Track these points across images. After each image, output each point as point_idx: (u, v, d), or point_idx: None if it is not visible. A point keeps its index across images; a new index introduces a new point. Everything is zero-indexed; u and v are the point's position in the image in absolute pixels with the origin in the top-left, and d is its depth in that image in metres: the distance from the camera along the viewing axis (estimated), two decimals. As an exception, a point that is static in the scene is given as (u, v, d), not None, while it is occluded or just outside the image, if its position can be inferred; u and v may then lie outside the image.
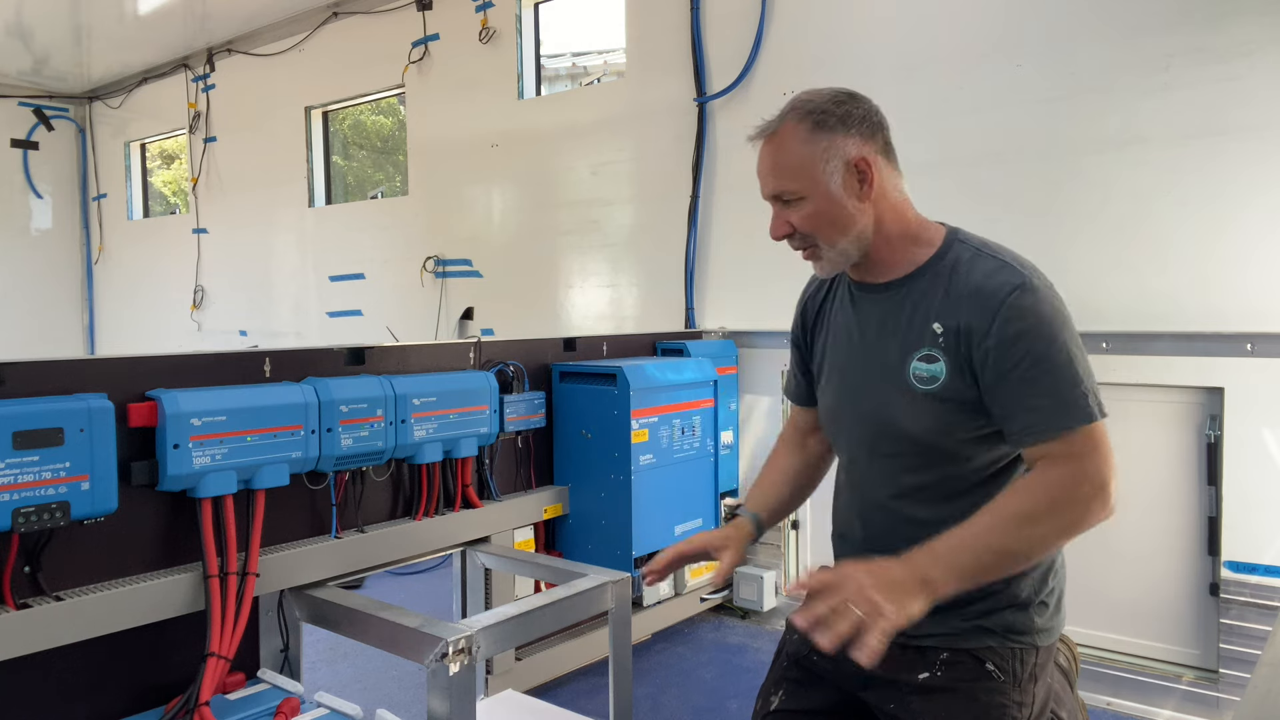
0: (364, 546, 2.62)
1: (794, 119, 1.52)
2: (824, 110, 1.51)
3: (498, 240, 5.49)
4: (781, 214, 1.55)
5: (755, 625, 3.99)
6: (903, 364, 1.52)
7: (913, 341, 1.52)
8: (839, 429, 1.67)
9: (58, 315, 8.85)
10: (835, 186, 1.50)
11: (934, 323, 1.50)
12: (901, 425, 1.53)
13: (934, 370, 1.49)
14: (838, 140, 1.49)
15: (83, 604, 2.00)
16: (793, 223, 1.54)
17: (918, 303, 1.53)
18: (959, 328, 1.47)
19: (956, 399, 1.48)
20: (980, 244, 1.54)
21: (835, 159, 1.49)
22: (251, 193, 7.08)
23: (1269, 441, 2.89)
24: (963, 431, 1.49)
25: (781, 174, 1.52)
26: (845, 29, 3.89)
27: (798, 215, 1.53)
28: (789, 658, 1.72)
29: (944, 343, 1.49)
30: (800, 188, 1.51)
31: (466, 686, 2.08)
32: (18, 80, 8.16)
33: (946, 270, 1.52)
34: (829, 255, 1.55)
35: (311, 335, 6.64)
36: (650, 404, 3.31)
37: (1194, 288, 3.07)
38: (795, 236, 1.55)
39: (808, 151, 1.49)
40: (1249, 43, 2.96)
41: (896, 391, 1.53)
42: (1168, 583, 3.11)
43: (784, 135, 1.52)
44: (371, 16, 5.99)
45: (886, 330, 1.56)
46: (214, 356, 2.39)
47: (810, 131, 1.50)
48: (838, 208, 1.51)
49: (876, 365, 1.57)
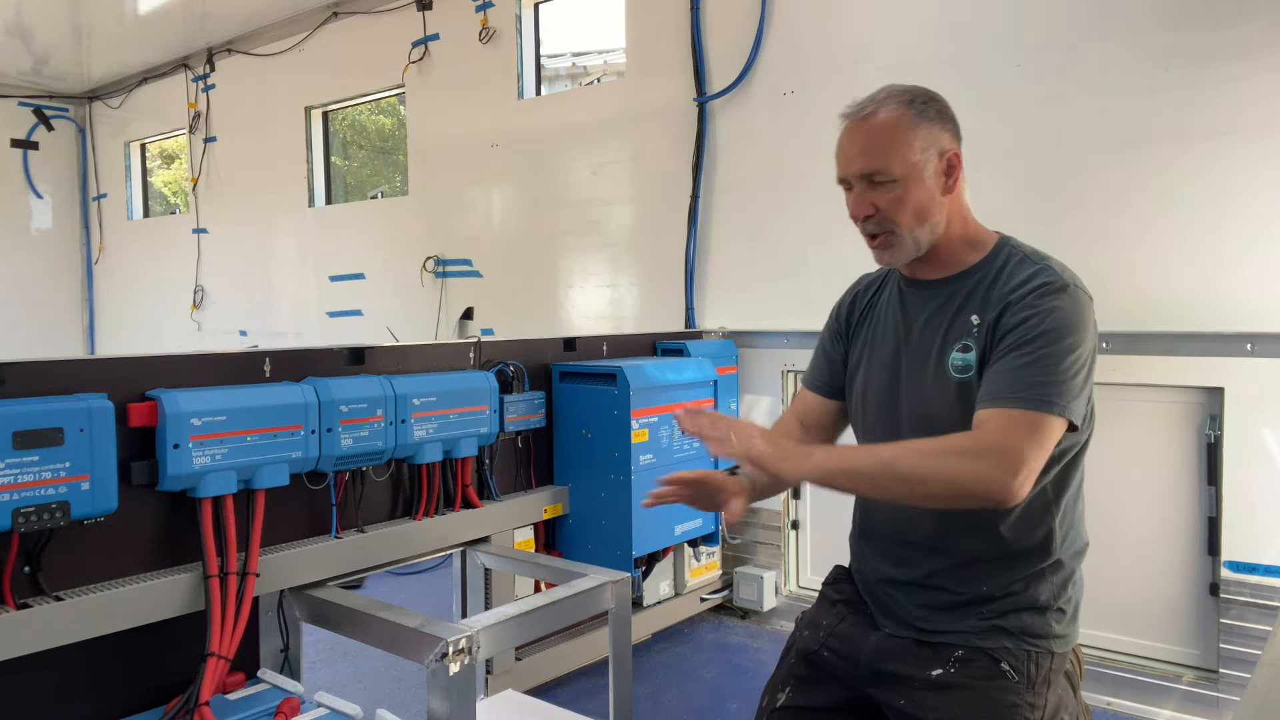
0: (364, 546, 2.62)
1: (896, 103, 1.54)
2: (925, 100, 1.55)
3: (498, 240, 5.49)
4: (867, 195, 1.55)
5: (755, 625, 3.99)
6: (943, 355, 1.56)
7: (954, 334, 1.56)
8: (877, 418, 1.67)
9: (58, 315, 8.84)
10: (928, 175, 1.53)
11: (973, 315, 1.54)
12: (940, 415, 1.54)
13: (968, 359, 1.53)
14: (935, 131, 1.54)
15: (83, 604, 2.00)
16: (879, 205, 1.54)
17: (965, 300, 1.57)
18: (994, 321, 1.51)
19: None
20: (1030, 251, 1.58)
21: (932, 148, 1.53)
22: (251, 193, 7.08)
23: (1269, 441, 2.89)
24: None
25: (879, 154, 1.52)
26: (845, 29, 3.89)
27: (886, 198, 1.53)
28: (798, 654, 1.73)
29: (977, 333, 1.53)
30: (897, 170, 1.52)
31: (466, 686, 2.08)
32: (18, 80, 8.16)
33: (994, 272, 1.56)
34: (903, 243, 1.56)
35: (311, 335, 6.63)
36: (650, 404, 3.31)
37: (1194, 288, 3.07)
38: (874, 219, 1.56)
39: (910, 137, 1.52)
40: (1249, 43, 2.96)
41: (936, 382, 1.56)
42: (1168, 583, 3.11)
43: (885, 118, 1.53)
44: (371, 16, 5.99)
45: (932, 324, 1.60)
46: (214, 356, 2.39)
47: (914, 118, 1.53)
48: (926, 195, 1.53)
49: (920, 358, 1.60)
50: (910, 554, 1.61)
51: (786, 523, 4.02)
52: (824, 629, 1.69)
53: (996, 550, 1.54)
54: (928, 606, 1.58)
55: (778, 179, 4.12)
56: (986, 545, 1.54)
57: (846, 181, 1.58)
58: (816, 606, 1.77)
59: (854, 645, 1.64)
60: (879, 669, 1.59)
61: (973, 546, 1.55)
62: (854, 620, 1.68)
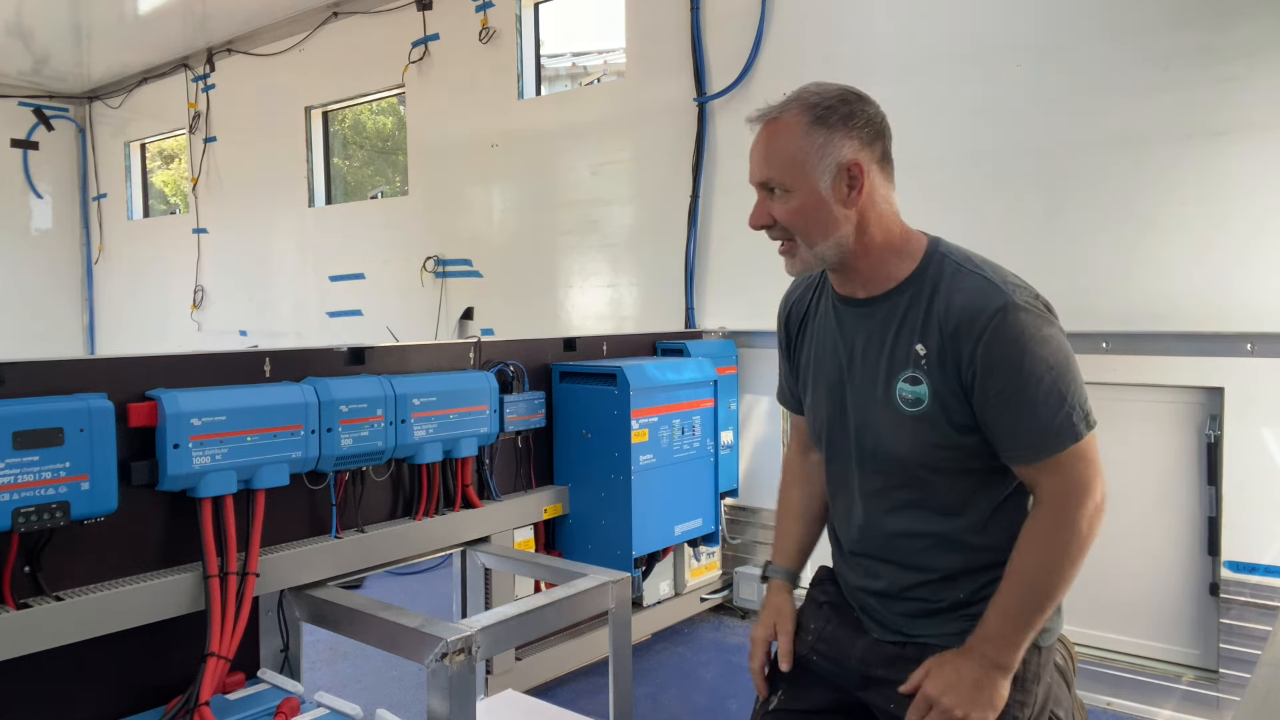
0: (364, 546, 2.62)
1: (797, 109, 1.48)
2: (828, 106, 1.47)
3: (498, 240, 5.49)
4: (765, 203, 1.51)
5: (755, 625, 3.98)
6: (889, 385, 1.52)
7: (898, 363, 1.51)
8: (829, 444, 1.66)
9: (58, 315, 8.84)
10: (824, 186, 1.46)
11: (916, 344, 1.49)
12: (890, 446, 1.53)
13: (918, 393, 1.49)
14: (835, 139, 1.45)
15: (83, 604, 2.00)
16: (775, 215, 1.50)
17: (901, 322, 1.51)
18: (941, 349, 1.46)
19: (943, 420, 1.48)
20: (962, 258, 1.51)
21: (829, 158, 1.45)
22: (251, 193, 7.08)
23: (1269, 441, 2.89)
24: (950, 450, 1.49)
25: (773, 163, 1.48)
26: (845, 29, 3.89)
27: (782, 208, 1.49)
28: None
29: (926, 365, 1.48)
30: (789, 180, 1.47)
31: (466, 686, 2.08)
32: (18, 80, 8.16)
33: (928, 287, 1.50)
34: (804, 255, 1.52)
35: (311, 335, 6.64)
36: (650, 404, 3.31)
37: (1194, 287, 3.07)
38: (774, 229, 1.52)
39: (803, 145, 1.46)
40: (1249, 43, 2.96)
41: (884, 413, 1.53)
42: (1168, 583, 3.11)
43: (783, 124, 1.48)
44: (371, 16, 5.99)
45: (871, 350, 1.55)
46: (214, 356, 2.38)
47: (810, 125, 1.46)
48: (823, 208, 1.47)
49: (864, 386, 1.56)
50: (885, 569, 1.60)
51: (786, 523, 4.02)
52: (811, 633, 1.69)
53: (970, 562, 1.54)
54: (908, 615, 1.59)
55: (778, 179, 4.11)
56: (960, 559, 1.54)
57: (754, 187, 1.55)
58: (803, 609, 1.77)
59: (842, 649, 1.64)
60: (868, 674, 1.59)
61: (947, 563, 1.55)
62: (840, 623, 1.68)
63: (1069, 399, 1.41)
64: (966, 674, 1.42)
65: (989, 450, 1.48)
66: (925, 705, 1.43)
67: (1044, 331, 1.43)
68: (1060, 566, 1.43)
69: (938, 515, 1.53)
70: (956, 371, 1.45)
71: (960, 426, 1.47)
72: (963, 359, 1.44)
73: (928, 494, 1.54)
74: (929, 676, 1.45)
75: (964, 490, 1.52)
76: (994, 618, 1.45)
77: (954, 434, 1.48)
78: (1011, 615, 1.44)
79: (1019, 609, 1.44)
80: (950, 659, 1.45)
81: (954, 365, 1.45)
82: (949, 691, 1.42)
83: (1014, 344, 1.41)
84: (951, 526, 1.53)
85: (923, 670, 1.47)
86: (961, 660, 1.44)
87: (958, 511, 1.53)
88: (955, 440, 1.48)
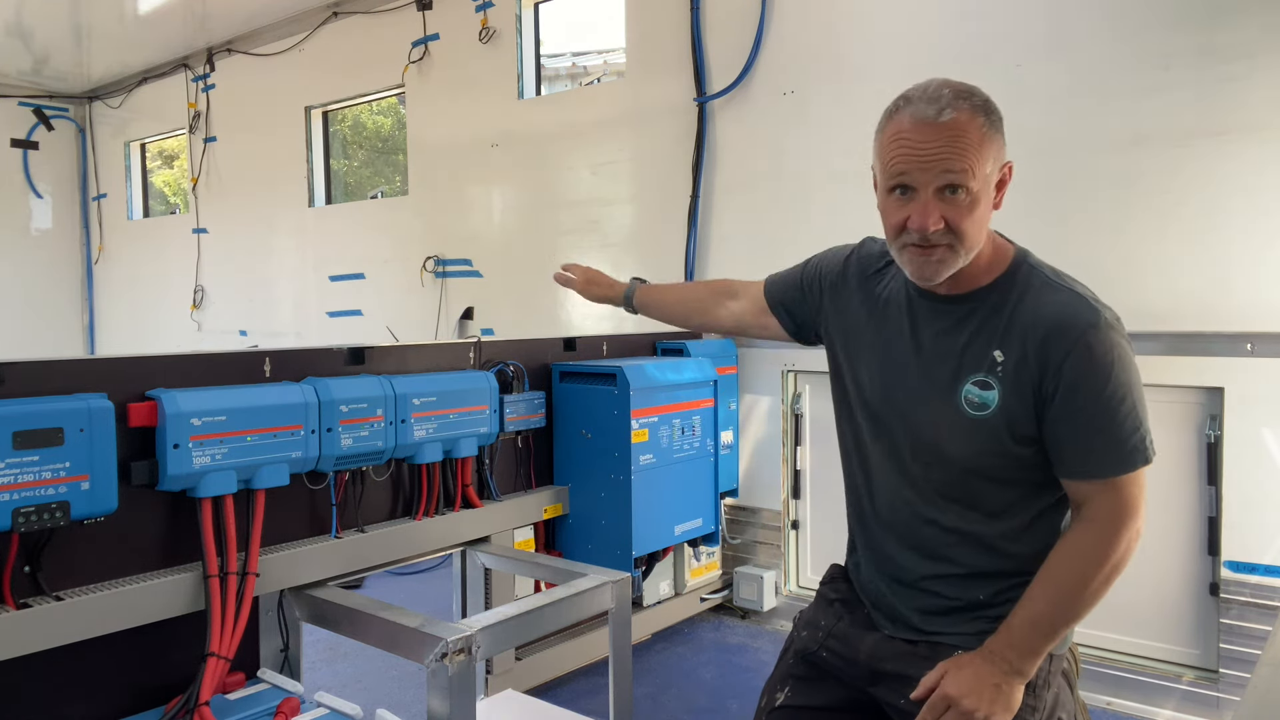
0: (364, 546, 2.62)
1: (970, 109, 1.41)
2: (992, 107, 1.45)
3: (498, 240, 5.49)
4: (936, 205, 1.41)
5: (755, 625, 3.99)
6: (954, 385, 1.51)
7: (969, 365, 1.50)
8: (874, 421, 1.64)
9: (58, 315, 8.84)
10: (992, 189, 1.46)
11: (995, 349, 1.48)
12: (944, 445, 1.53)
13: (987, 398, 1.48)
14: (1000, 141, 1.46)
15: (83, 604, 2.00)
16: (949, 218, 1.41)
17: (981, 325, 1.50)
18: (1023, 358, 1.45)
19: (1005, 428, 1.48)
20: (1052, 272, 1.52)
21: (998, 160, 1.45)
22: (251, 193, 7.08)
23: (1269, 441, 2.89)
24: (1003, 459, 1.50)
25: (962, 165, 1.39)
26: (845, 29, 3.89)
27: (962, 211, 1.41)
28: (796, 654, 1.73)
29: (1002, 372, 1.47)
30: (976, 184, 1.41)
31: (466, 686, 2.08)
32: (18, 80, 8.16)
33: (1015, 295, 1.49)
34: (958, 259, 1.46)
35: (311, 335, 6.63)
36: (650, 404, 3.31)
37: (1194, 288, 3.07)
38: (941, 233, 1.43)
39: (986, 149, 1.42)
40: (1249, 43, 2.96)
41: (944, 411, 1.52)
42: (1168, 583, 3.11)
43: (963, 124, 1.40)
44: (371, 16, 5.98)
45: (943, 346, 1.54)
46: (214, 356, 2.38)
47: (988, 127, 1.43)
48: (988, 211, 1.46)
49: (928, 380, 1.55)
50: (907, 556, 1.60)
51: (786, 522, 4.02)
52: (822, 629, 1.69)
53: (998, 565, 1.54)
54: (923, 610, 1.59)
55: (778, 179, 4.12)
56: (988, 560, 1.55)
57: (906, 187, 1.44)
58: (814, 606, 1.78)
59: (852, 645, 1.64)
60: (878, 669, 1.59)
61: (974, 561, 1.55)
62: (851, 620, 1.68)
63: (1143, 424, 1.44)
64: (987, 677, 1.42)
65: (1039, 463, 1.49)
66: (943, 704, 1.42)
67: (1129, 355, 1.46)
68: (1095, 582, 1.44)
69: (976, 514, 1.53)
70: (1037, 381, 1.45)
71: (1021, 438, 1.48)
72: (1048, 369, 1.44)
73: (969, 493, 1.54)
74: (948, 677, 1.44)
75: (1009, 496, 1.53)
76: (1021, 624, 1.45)
77: (1012, 443, 1.48)
78: (1041, 624, 1.44)
79: (1049, 619, 1.45)
80: (970, 661, 1.45)
81: (1036, 374, 1.45)
82: (970, 694, 1.41)
83: (1104, 361, 1.42)
84: (987, 528, 1.53)
85: (938, 672, 1.46)
86: (982, 664, 1.44)
87: (997, 514, 1.53)
88: (1011, 450, 1.49)
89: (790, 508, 4.04)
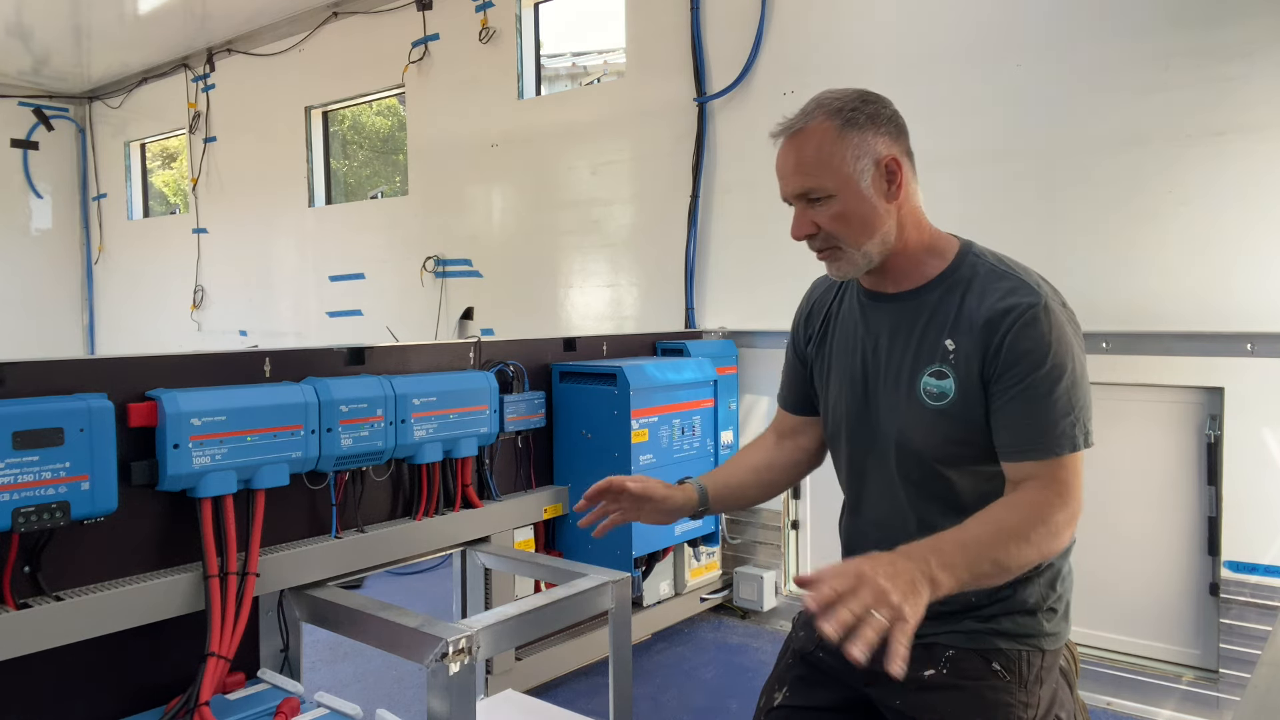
0: (364, 546, 2.62)
1: (822, 116, 1.48)
2: (853, 108, 1.48)
3: (498, 240, 5.49)
4: (806, 213, 1.50)
5: (755, 625, 3.99)
6: (913, 379, 1.52)
7: (924, 356, 1.51)
8: (849, 438, 1.65)
9: (58, 315, 8.85)
10: (865, 185, 1.47)
11: (946, 339, 1.49)
12: (911, 440, 1.53)
13: (944, 387, 1.49)
14: (868, 138, 1.47)
15: (83, 604, 2.00)
16: (819, 223, 1.49)
17: (931, 316, 1.52)
18: (973, 344, 1.46)
19: (965, 416, 1.48)
20: (995, 259, 1.53)
21: (865, 157, 1.46)
22: (251, 193, 7.08)
23: (1269, 441, 2.89)
24: (968, 447, 1.49)
25: (810, 171, 1.47)
26: (845, 29, 3.89)
27: (825, 215, 1.48)
28: (795, 655, 1.73)
29: (955, 360, 1.48)
30: (830, 186, 1.46)
31: (466, 686, 2.08)
32: (18, 80, 8.16)
33: (961, 284, 1.51)
34: (852, 258, 1.51)
35: (311, 335, 6.64)
36: (650, 404, 3.31)
37: (1194, 288, 3.07)
38: (818, 237, 1.51)
39: (838, 149, 1.46)
40: (1249, 43, 2.96)
41: (908, 406, 1.53)
42: (1168, 583, 3.11)
43: (812, 132, 1.47)
44: (371, 16, 5.99)
45: (898, 343, 1.55)
46: (214, 356, 2.39)
47: (841, 129, 1.46)
48: (867, 207, 1.47)
49: (888, 378, 1.56)
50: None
51: (786, 522, 4.02)
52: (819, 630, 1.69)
53: None
54: None
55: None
56: None
57: (789, 201, 1.53)
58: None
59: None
60: (874, 669, 1.59)
61: None
62: None
63: (1076, 409, 1.42)
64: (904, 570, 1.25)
65: None
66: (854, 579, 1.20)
67: (1070, 339, 1.44)
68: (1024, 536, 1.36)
69: (955, 513, 1.53)
70: (981, 362, 1.46)
71: (981, 424, 1.48)
72: (989, 348, 1.45)
73: (945, 490, 1.54)
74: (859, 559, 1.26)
75: (983, 489, 1.52)
76: (950, 540, 1.34)
77: (974, 431, 1.48)
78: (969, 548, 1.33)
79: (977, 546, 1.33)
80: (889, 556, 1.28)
81: (980, 356, 1.46)
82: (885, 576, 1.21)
83: (1042, 339, 1.42)
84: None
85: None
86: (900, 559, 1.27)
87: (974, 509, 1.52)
88: (975, 439, 1.48)
89: (790, 508, 4.04)
